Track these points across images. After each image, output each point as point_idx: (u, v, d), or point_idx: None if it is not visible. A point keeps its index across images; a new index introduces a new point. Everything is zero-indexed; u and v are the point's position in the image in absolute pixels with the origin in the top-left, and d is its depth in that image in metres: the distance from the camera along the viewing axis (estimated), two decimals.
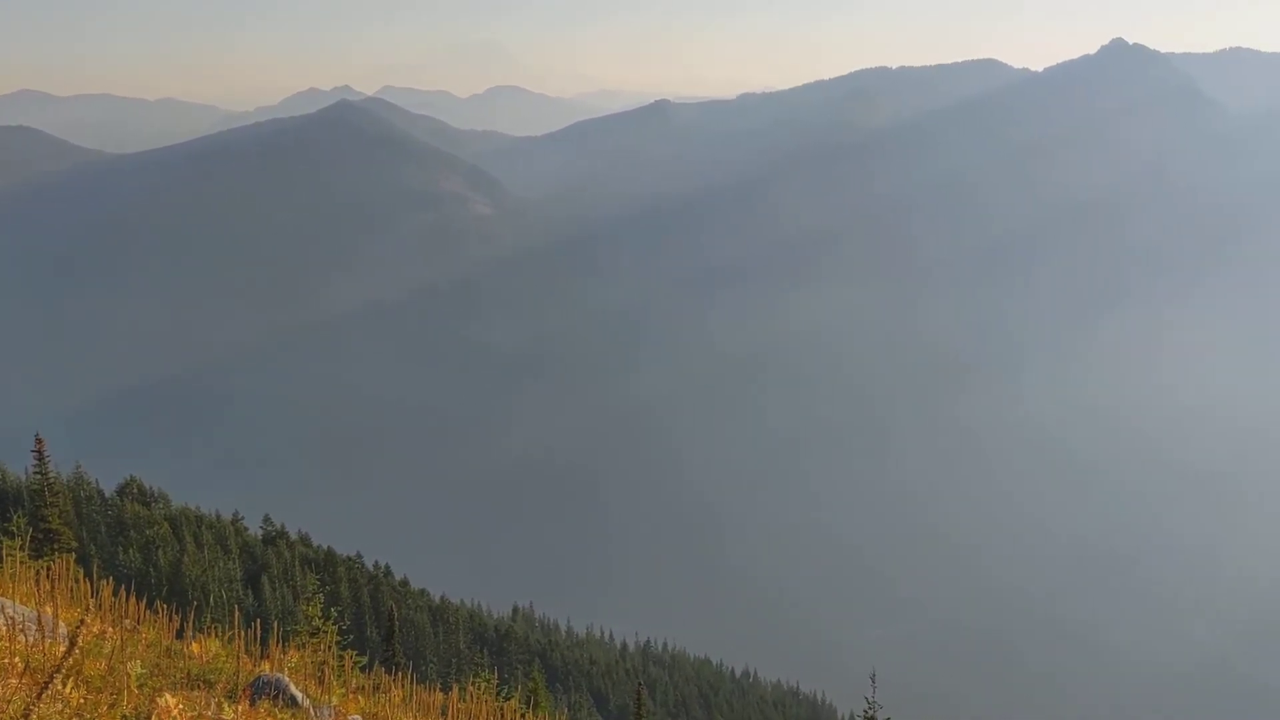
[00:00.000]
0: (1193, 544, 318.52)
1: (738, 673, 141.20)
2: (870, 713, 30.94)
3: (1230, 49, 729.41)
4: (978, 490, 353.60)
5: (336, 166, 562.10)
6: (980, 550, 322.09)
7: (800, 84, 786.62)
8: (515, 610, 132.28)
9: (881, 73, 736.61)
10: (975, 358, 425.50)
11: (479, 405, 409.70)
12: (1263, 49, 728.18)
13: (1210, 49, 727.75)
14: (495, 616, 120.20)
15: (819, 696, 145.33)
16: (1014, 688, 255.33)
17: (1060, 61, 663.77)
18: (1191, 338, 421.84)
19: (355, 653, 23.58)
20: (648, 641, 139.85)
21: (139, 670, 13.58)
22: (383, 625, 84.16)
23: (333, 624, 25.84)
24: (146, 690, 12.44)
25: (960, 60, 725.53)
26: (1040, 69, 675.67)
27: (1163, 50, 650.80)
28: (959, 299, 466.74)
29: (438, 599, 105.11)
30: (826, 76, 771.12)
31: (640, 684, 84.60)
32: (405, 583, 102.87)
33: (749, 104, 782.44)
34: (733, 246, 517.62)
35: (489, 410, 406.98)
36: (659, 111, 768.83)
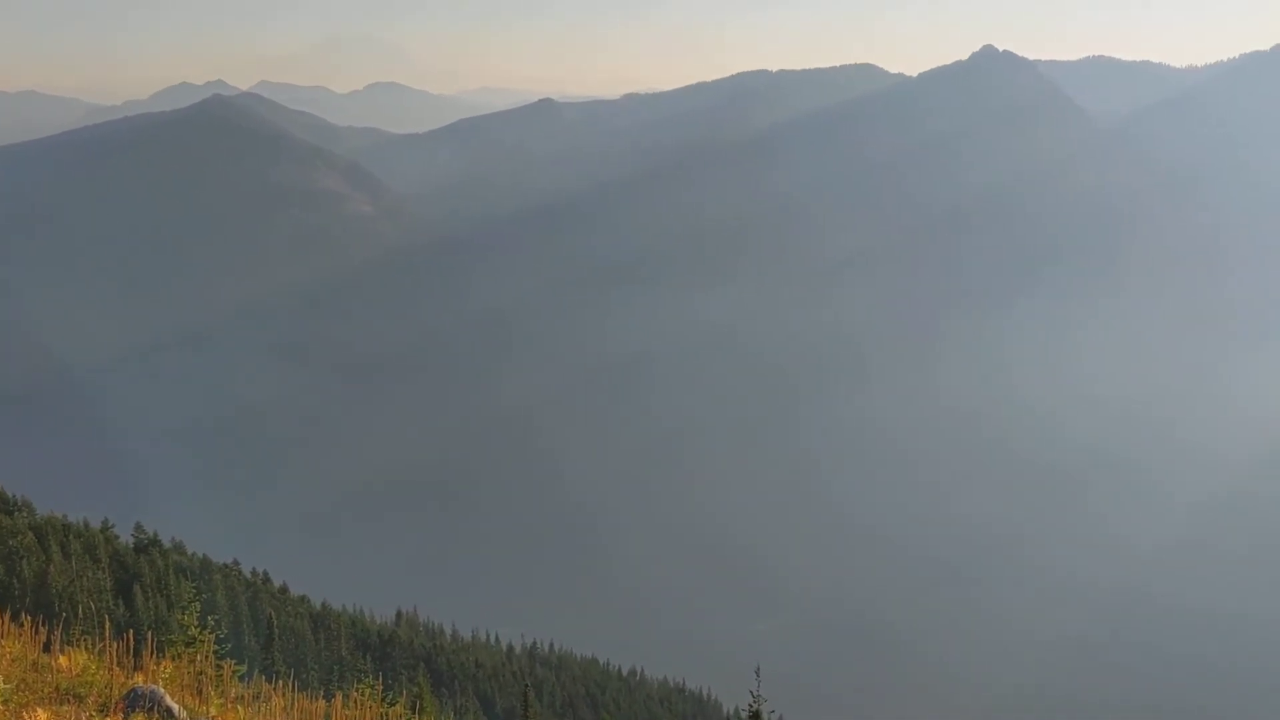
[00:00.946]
0: (1079, 526, 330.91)
1: (624, 671, 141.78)
2: (755, 706, 31.33)
3: (1092, 57, 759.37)
4: (869, 484, 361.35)
5: (209, 163, 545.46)
6: (872, 541, 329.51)
7: (683, 85, 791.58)
8: (399, 615, 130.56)
9: (761, 75, 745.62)
10: (855, 356, 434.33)
11: (357, 408, 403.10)
12: (1122, 57, 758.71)
13: (1074, 57, 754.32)
14: (379, 622, 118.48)
15: (705, 692, 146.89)
16: (900, 674, 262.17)
17: (934, 67, 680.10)
18: (1033, 343, 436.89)
19: (233, 662, 23.00)
20: (534, 643, 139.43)
21: (3, 686, 13.06)
22: (262, 633, 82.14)
23: (209, 633, 25.11)
24: (12, 706, 11.98)
25: (838, 64, 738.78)
26: (915, 74, 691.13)
27: (1030, 57, 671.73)
28: (838, 298, 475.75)
29: (319, 605, 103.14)
30: (709, 79, 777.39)
31: (527, 685, 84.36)
32: (285, 589, 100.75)
33: (634, 104, 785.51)
34: (619, 245, 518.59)
35: (369, 412, 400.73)
36: (544, 109, 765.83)
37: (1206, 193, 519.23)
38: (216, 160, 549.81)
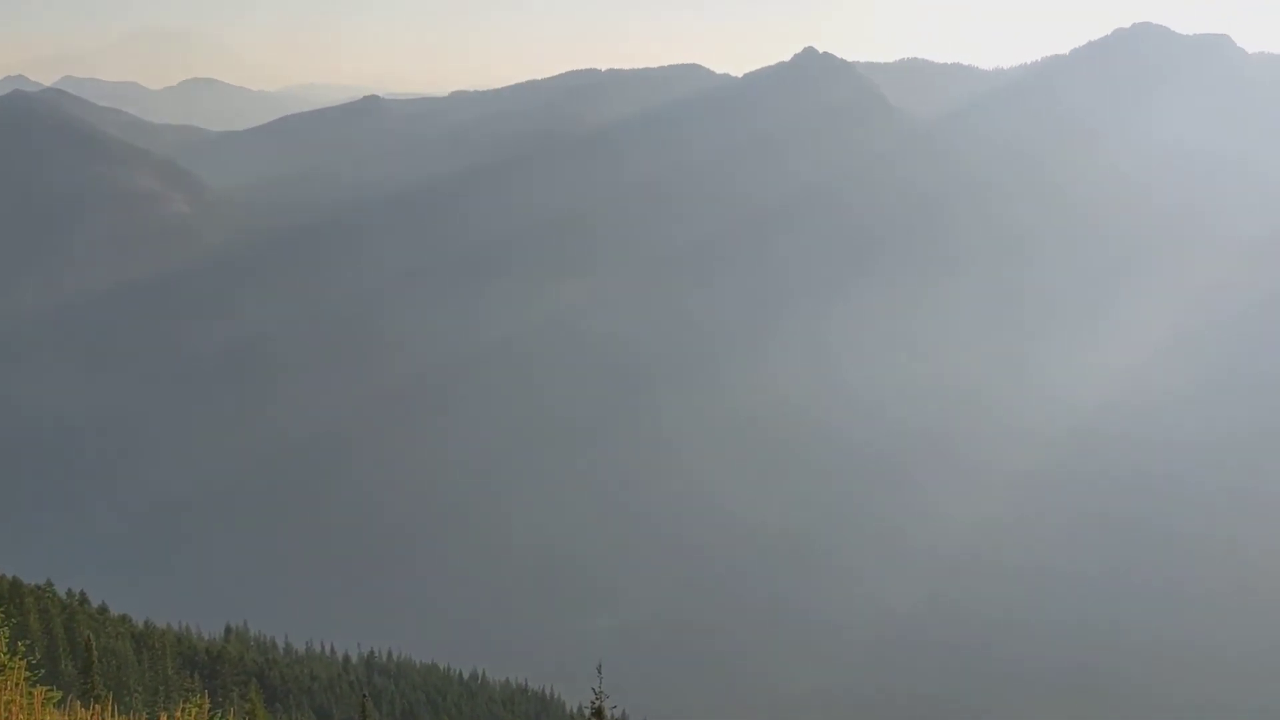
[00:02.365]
0: (879, 522, 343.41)
1: (465, 675, 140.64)
2: (597, 703, 31.56)
3: (907, 59, 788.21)
4: (706, 477, 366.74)
5: (11, 164, 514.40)
6: (694, 541, 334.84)
7: (513, 83, 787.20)
8: (228, 630, 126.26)
9: (591, 74, 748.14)
10: (669, 355, 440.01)
11: (179, 416, 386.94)
12: (935, 59, 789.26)
13: (890, 59, 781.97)
14: (206, 638, 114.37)
15: (547, 692, 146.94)
16: (729, 672, 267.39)
17: (758, 68, 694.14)
18: (858, 334, 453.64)
19: (48, 688, 21.90)
20: (371, 652, 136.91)
21: None
22: (79, 657, 78.26)
23: (21, 659, 23.78)
24: None
25: (666, 64, 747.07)
26: (740, 74, 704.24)
27: (849, 59, 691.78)
28: (653, 298, 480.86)
29: (141, 624, 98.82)
30: (539, 77, 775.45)
31: (365, 695, 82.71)
32: (104, 609, 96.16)
33: (463, 101, 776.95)
34: (450, 242, 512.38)
35: (192, 421, 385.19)
36: (369, 107, 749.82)
37: (1010, 190, 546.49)
38: (19, 161, 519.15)
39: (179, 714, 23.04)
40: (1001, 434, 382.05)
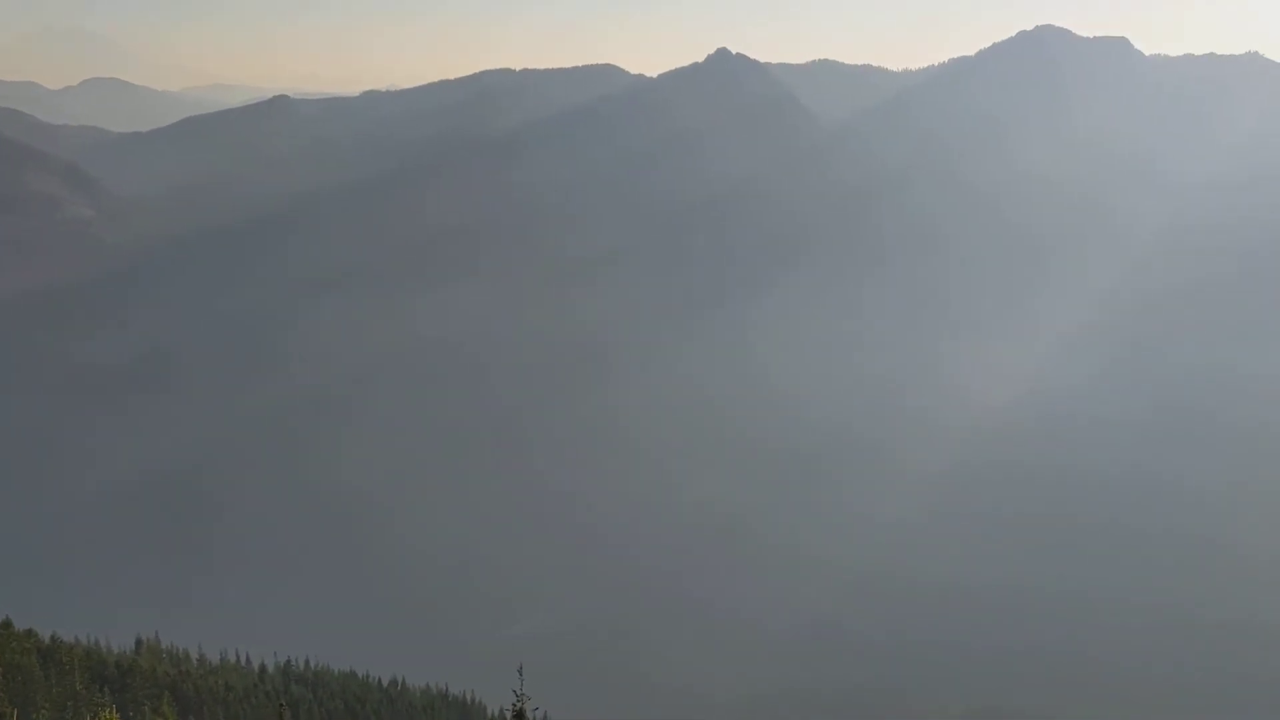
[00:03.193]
0: (795, 521, 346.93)
1: (385, 682, 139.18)
2: (519, 705, 31.57)
3: (818, 61, 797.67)
4: (618, 481, 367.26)
5: None
6: (609, 543, 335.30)
7: (426, 83, 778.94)
8: (139, 642, 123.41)
9: (506, 74, 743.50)
10: (582, 358, 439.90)
11: (80, 426, 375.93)
12: (845, 61, 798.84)
13: (802, 60, 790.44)
14: (116, 651, 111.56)
15: (469, 697, 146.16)
16: (647, 673, 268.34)
17: (672, 68, 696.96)
18: (777, 334, 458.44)
19: None
20: (288, 661, 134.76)
21: None
22: None
23: None
24: None
25: (581, 64, 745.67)
26: (655, 74, 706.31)
27: (762, 60, 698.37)
28: (565, 301, 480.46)
29: (48, 639, 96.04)
30: (452, 76, 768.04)
31: (282, 705, 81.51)
32: (8, 624, 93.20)
33: (373, 102, 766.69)
34: (356, 248, 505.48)
35: (93, 430, 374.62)
36: (278, 107, 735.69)
37: (922, 188, 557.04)
38: None
39: None
40: (916, 431, 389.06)
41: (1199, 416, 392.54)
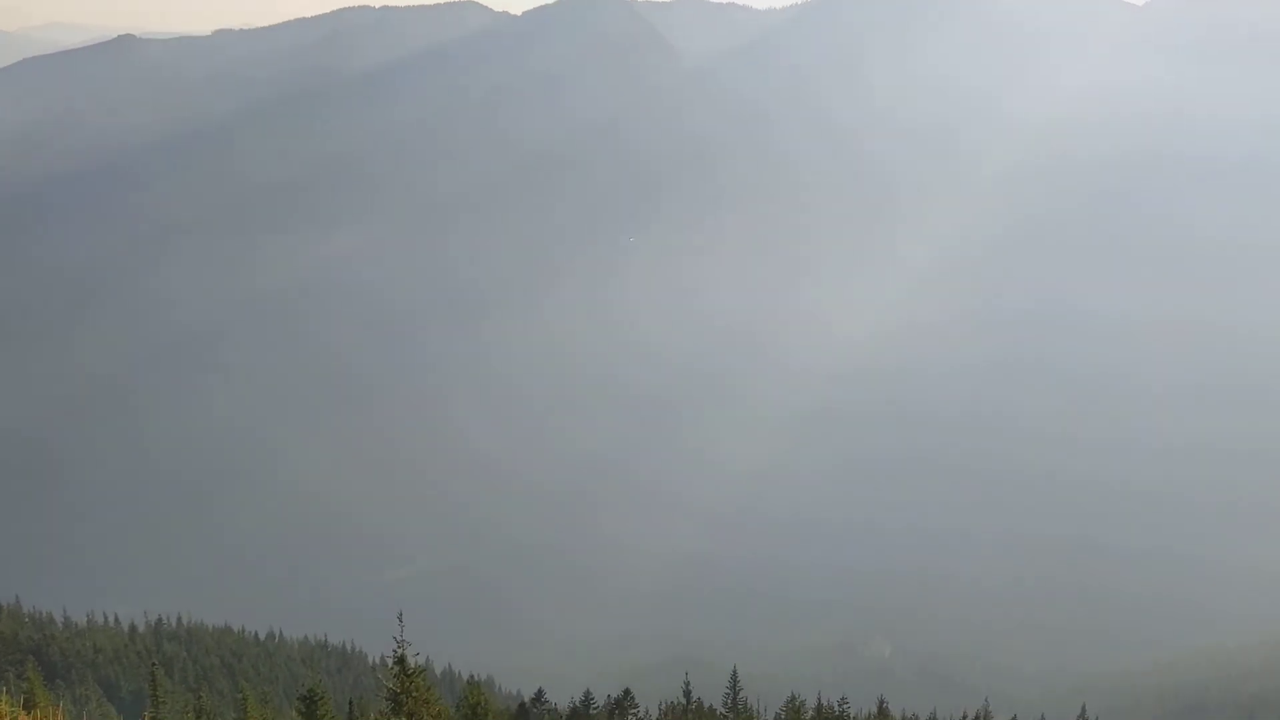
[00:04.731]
0: (656, 467, 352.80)
1: (261, 636, 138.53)
2: (400, 651, 32.97)
3: None
4: (487, 424, 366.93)
5: None
6: (475, 491, 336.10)
7: (281, 21, 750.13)
8: None
9: (364, 12, 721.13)
10: (445, 304, 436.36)
11: None
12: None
13: None
14: None
15: (348, 646, 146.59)
16: (513, 618, 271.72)
17: (536, 6, 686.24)
18: (636, 275, 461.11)
19: None
20: (159, 619, 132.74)
21: None
22: None
23: None
24: None
25: (442, 1, 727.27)
26: (519, 12, 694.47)
27: None
28: (426, 246, 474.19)
29: None
30: (308, 14, 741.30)
31: (154, 664, 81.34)
32: None
33: (225, 41, 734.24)
34: (209, 193, 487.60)
35: None
36: (123, 47, 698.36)
37: (784, 127, 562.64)
38: None
39: None
40: (776, 373, 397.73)
41: (1042, 356, 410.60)
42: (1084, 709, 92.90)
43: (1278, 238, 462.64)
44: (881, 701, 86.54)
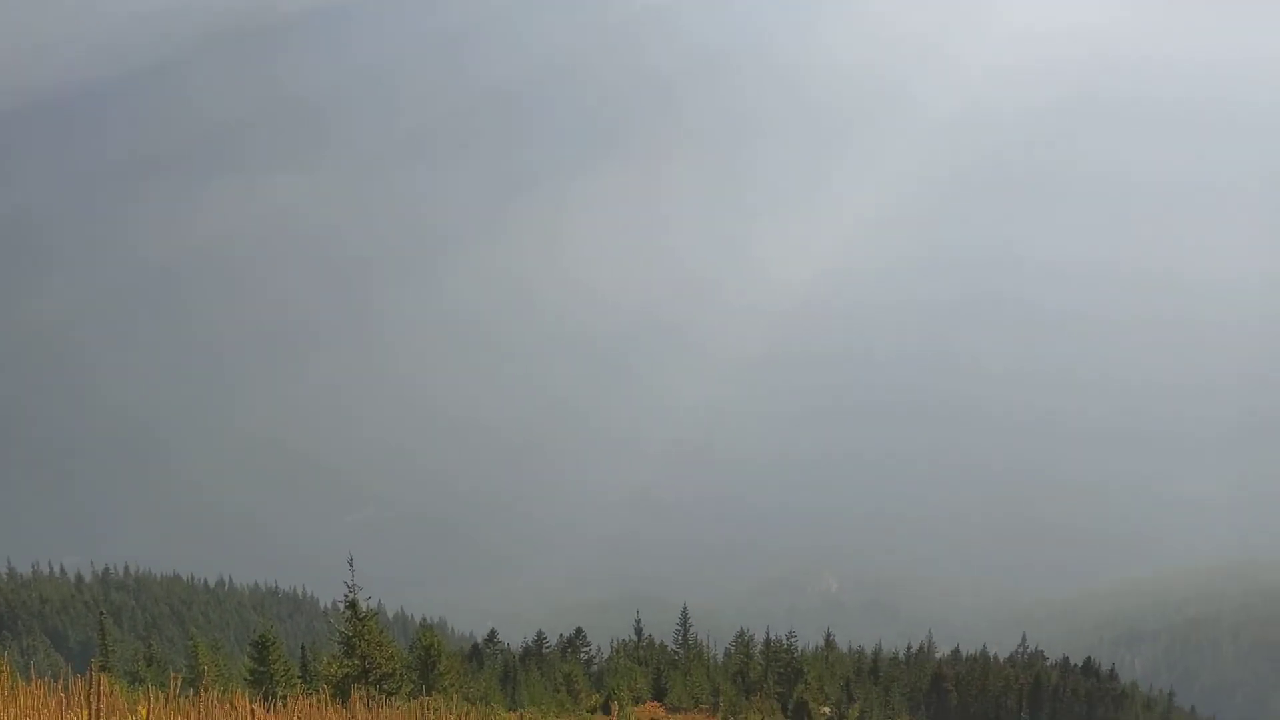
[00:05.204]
0: (609, 411, 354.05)
1: (211, 583, 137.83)
2: (351, 595, 33.01)
3: None
4: (442, 368, 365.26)
5: None
6: (429, 436, 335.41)
7: None
8: None
9: None
10: (398, 248, 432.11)
11: None
12: None
13: None
14: None
15: (299, 591, 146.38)
16: (471, 562, 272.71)
17: None
18: (591, 219, 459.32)
19: None
20: (106, 569, 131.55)
21: None
22: None
23: None
24: None
25: None
26: None
27: None
28: (377, 191, 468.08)
29: None
30: None
31: (103, 614, 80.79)
32: None
33: None
34: (151, 137, 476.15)
35: None
36: None
37: (732, 73, 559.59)
38: None
39: None
40: (727, 317, 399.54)
41: (986, 297, 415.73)
42: (1024, 638, 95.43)
43: (1211, 179, 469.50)
44: (829, 634, 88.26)
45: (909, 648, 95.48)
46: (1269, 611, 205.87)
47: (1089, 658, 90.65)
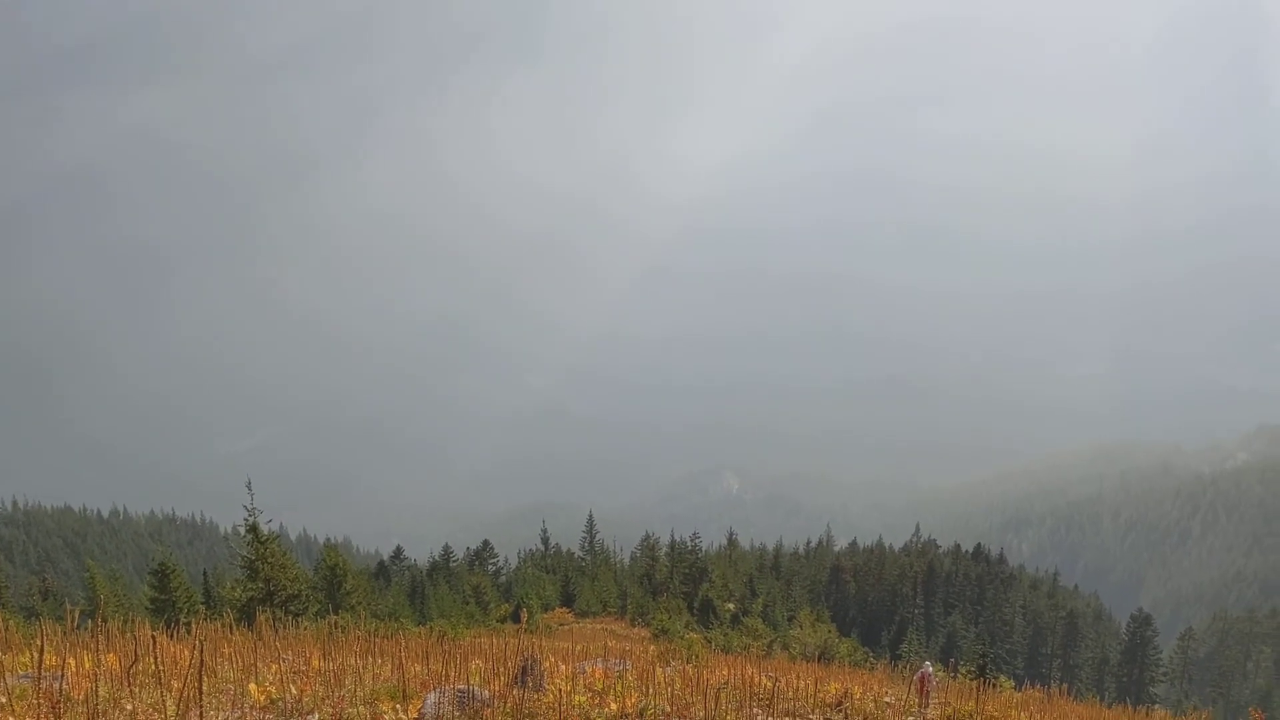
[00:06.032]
0: (534, 306, 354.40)
1: (105, 514, 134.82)
2: (251, 519, 32.57)
3: None
4: (323, 286, 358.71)
5: None
6: (336, 341, 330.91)
7: None
8: None
9: None
10: (254, 170, 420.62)
11: None
12: None
13: None
14: None
15: (197, 518, 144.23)
16: (399, 456, 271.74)
17: None
18: (517, 117, 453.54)
19: None
20: None
21: None
22: None
23: None
24: None
25: None
26: None
27: None
28: (249, 103, 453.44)
29: None
30: None
31: None
32: None
33: None
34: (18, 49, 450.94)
35: None
36: None
37: None
38: None
39: None
40: (609, 231, 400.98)
41: (882, 174, 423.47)
42: (918, 527, 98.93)
43: (1095, 70, 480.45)
44: (731, 533, 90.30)
45: (809, 542, 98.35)
46: (1144, 491, 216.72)
47: (979, 544, 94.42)
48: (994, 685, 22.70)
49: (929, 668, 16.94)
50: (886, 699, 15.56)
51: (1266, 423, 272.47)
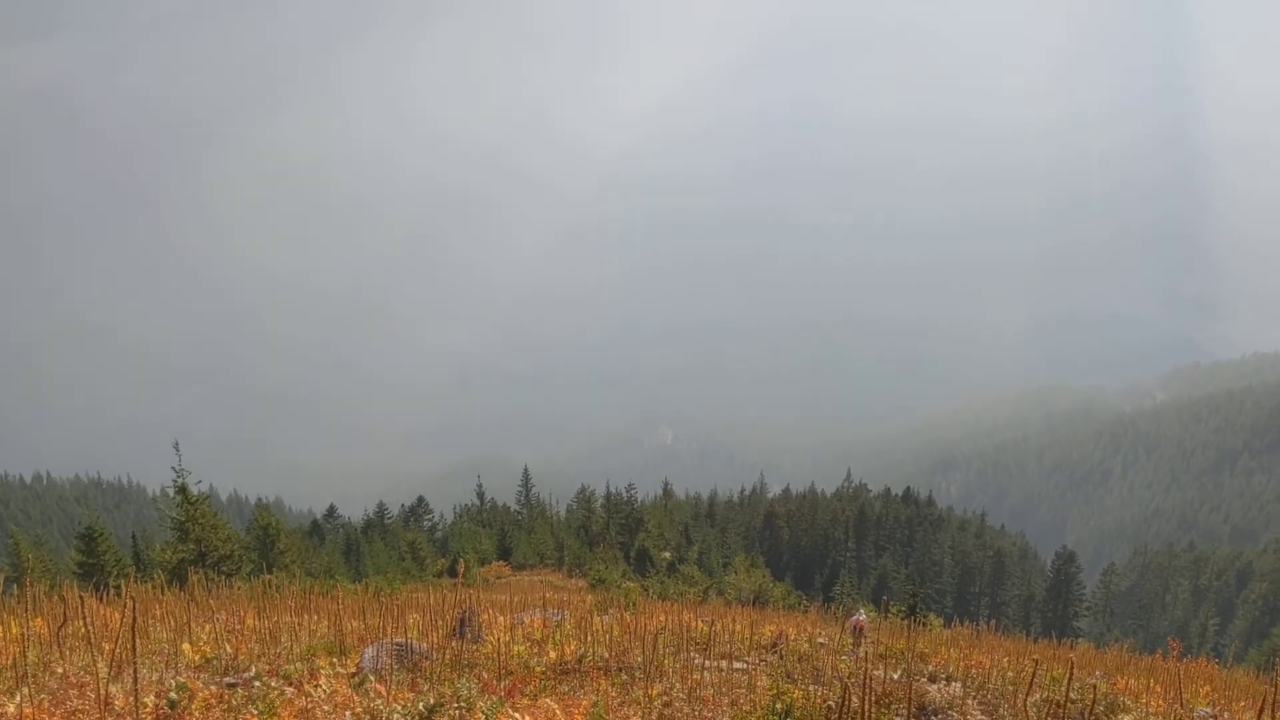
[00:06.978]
0: (458, 263, 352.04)
1: (28, 479, 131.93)
2: (180, 480, 32.11)
3: None
4: (231, 249, 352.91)
5: None
6: (251, 309, 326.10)
7: None
8: None
9: None
10: (222, 109, 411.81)
11: None
12: None
13: None
14: None
15: (124, 480, 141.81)
16: (317, 422, 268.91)
17: None
18: (436, 68, 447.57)
19: None
20: None
21: None
22: None
23: None
24: None
25: None
26: None
27: None
28: (138, 64, 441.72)
29: None
30: None
31: None
32: None
33: None
34: None
35: None
36: None
37: None
38: None
39: None
40: (528, 187, 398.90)
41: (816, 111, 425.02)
42: (849, 473, 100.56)
43: (1013, 42, 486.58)
44: (666, 484, 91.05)
45: (742, 490, 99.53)
46: (1068, 432, 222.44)
47: (908, 487, 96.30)
48: (924, 624, 23.31)
49: (862, 615, 17.35)
50: (820, 640, 15.94)
51: (1182, 364, 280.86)
